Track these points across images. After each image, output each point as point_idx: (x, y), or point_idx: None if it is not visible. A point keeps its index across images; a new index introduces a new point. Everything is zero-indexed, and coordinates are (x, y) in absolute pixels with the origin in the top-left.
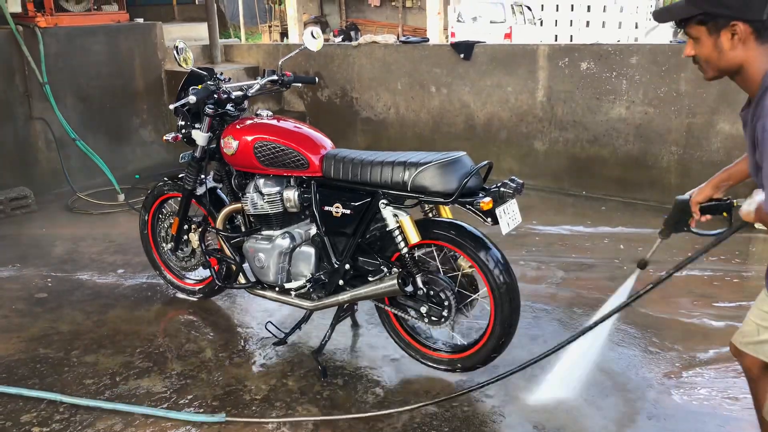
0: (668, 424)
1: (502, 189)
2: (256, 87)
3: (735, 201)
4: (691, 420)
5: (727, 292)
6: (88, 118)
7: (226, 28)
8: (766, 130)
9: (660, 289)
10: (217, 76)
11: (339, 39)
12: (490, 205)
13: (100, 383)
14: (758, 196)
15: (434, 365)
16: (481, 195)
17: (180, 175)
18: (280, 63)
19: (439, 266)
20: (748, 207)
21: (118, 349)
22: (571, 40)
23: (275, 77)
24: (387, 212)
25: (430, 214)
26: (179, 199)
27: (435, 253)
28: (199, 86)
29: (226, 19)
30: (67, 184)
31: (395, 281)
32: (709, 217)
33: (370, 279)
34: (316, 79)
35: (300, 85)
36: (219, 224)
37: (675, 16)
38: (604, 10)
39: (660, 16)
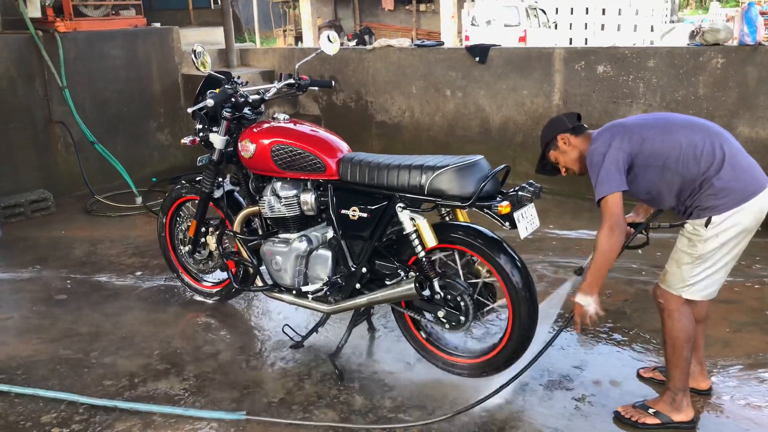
0: None
1: (520, 193)
2: (273, 91)
3: (649, 222)
4: (713, 428)
5: (748, 298)
6: (107, 122)
7: (241, 33)
8: (587, 164)
9: None
10: (235, 79)
11: (353, 43)
12: (509, 209)
13: (118, 384)
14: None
15: (452, 370)
16: (499, 199)
17: (197, 178)
18: (296, 67)
19: (459, 270)
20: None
21: (136, 351)
22: (585, 43)
23: (292, 81)
24: (404, 216)
25: (447, 218)
26: (197, 202)
27: (454, 257)
28: (217, 90)
29: (241, 24)
30: (85, 186)
31: (412, 285)
32: (632, 230)
33: (387, 283)
34: (333, 83)
35: (316, 88)
36: (236, 227)
37: (540, 160)
38: (620, 13)
39: (537, 168)
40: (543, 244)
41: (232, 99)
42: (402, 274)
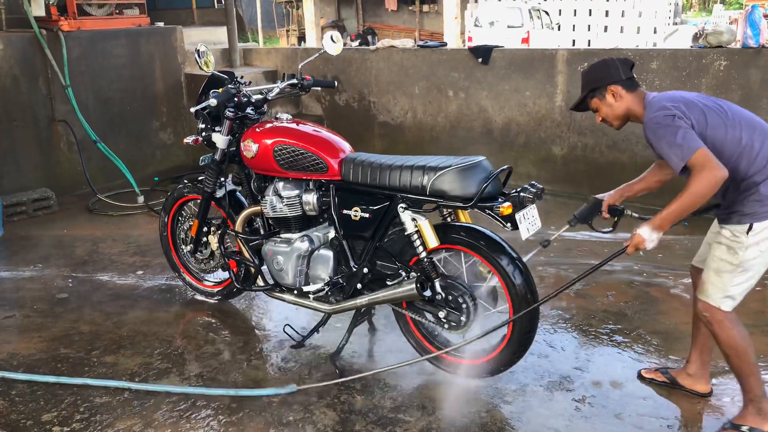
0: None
1: (522, 194)
2: (276, 90)
3: (626, 209)
4: (714, 428)
5: (749, 300)
6: (109, 121)
7: (244, 32)
8: (651, 141)
9: (681, 296)
10: (238, 79)
11: (356, 43)
12: (510, 210)
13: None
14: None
15: (452, 370)
16: (500, 200)
17: (200, 178)
18: (299, 67)
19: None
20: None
21: (137, 350)
22: (588, 45)
23: (295, 81)
24: (405, 216)
25: (449, 219)
26: (199, 201)
27: (454, 258)
28: (220, 90)
29: (244, 23)
30: (87, 185)
31: (413, 286)
32: (608, 216)
33: (388, 283)
34: (336, 83)
35: (319, 89)
36: (238, 227)
37: (580, 101)
38: (623, 15)
39: (572, 106)
40: None
41: (235, 99)
42: (403, 274)
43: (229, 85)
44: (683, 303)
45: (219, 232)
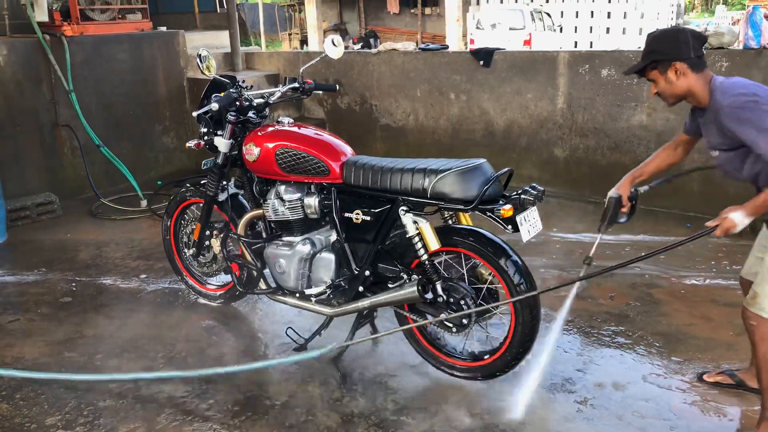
0: None
1: (523, 196)
2: (278, 94)
3: (639, 189)
4: (714, 429)
5: None
6: (113, 125)
7: (247, 36)
8: (732, 126)
9: (683, 298)
10: (240, 83)
11: (358, 46)
12: (511, 213)
13: (123, 386)
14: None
15: (453, 373)
16: (501, 202)
17: (202, 182)
18: (301, 71)
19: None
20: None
21: (140, 354)
22: (591, 47)
23: (296, 85)
24: (407, 219)
25: (450, 221)
26: (201, 205)
27: (456, 260)
28: (222, 94)
29: (246, 27)
30: (91, 189)
31: (415, 288)
32: (628, 203)
33: (390, 285)
34: (337, 87)
35: (320, 92)
36: (240, 230)
37: (637, 67)
38: (625, 17)
39: (628, 71)
40: (546, 247)
41: (237, 103)
42: (405, 277)
43: (231, 89)
44: (685, 305)
45: (221, 235)
